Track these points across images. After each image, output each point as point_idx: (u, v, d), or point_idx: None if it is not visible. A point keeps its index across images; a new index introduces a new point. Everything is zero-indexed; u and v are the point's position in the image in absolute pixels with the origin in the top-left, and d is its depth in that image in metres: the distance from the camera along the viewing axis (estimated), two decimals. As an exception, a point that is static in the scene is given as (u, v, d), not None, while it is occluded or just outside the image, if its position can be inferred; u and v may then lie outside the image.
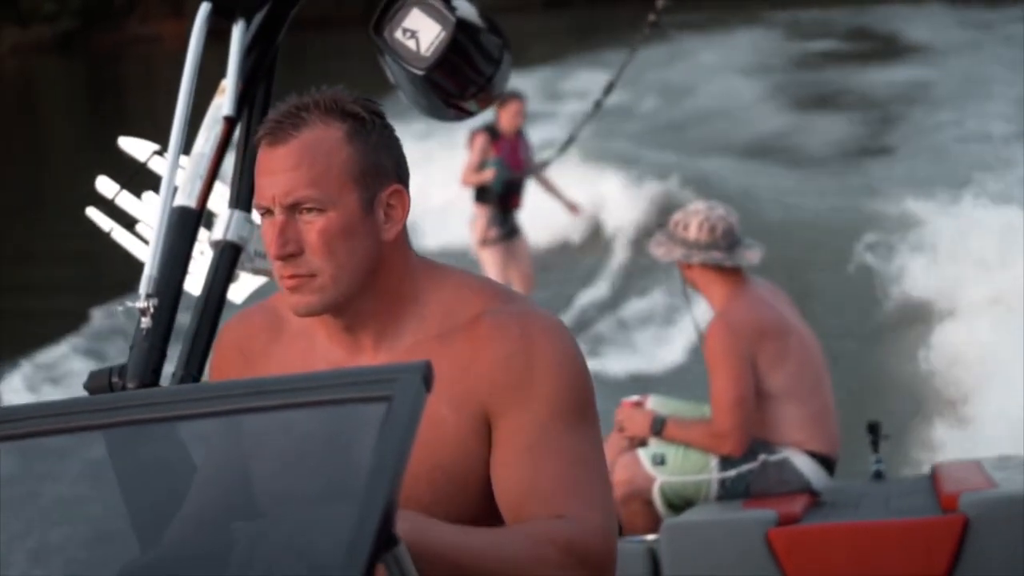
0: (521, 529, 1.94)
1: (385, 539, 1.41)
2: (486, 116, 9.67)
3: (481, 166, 9.52)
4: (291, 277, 2.03)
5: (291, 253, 2.02)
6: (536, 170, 9.87)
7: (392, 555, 1.44)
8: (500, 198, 9.54)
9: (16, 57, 39.73)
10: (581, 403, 2.03)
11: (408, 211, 2.10)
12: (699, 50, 27.36)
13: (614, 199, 13.02)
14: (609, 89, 7.30)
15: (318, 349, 2.12)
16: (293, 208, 2.03)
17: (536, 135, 10.38)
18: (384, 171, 2.07)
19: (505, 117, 9.51)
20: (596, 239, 12.66)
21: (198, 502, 1.77)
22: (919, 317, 8.93)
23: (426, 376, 1.52)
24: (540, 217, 10.34)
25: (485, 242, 9.59)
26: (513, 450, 1.99)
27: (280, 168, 2.03)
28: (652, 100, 21.51)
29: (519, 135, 9.63)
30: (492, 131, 9.52)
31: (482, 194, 9.59)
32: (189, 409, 1.64)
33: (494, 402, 2.01)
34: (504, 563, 1.86)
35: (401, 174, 2.11)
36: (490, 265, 9.64)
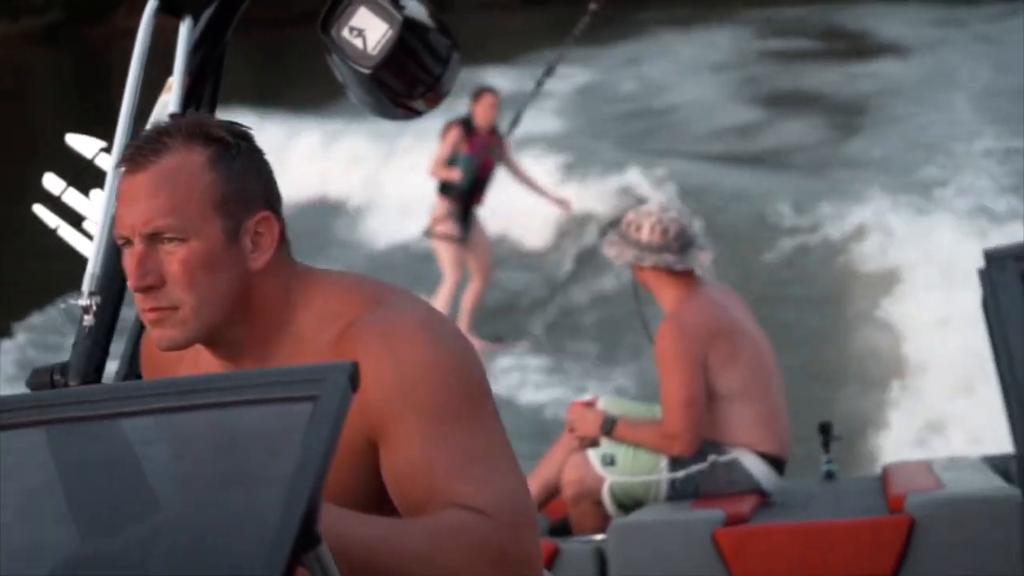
0: (435, 518, 1.89)
1: (307, 538, 1.41)
2: (462, 109, 9.72)
3: (451, 159, 9.47)
4: (152, 310, 1.96)
5: (151, 285, 1.94)
6: (504, 157, 9.82)
7: (314, 554, 1.44)
8: (465, 195, 9.52)
9: (4, 48, 39.67)
10: (464, 399, 1.95)
11: (278, 238, 2.02)
12: (673, 45, 27.52)
13: (576, 194, 13.03)
14: (549, 71, 7.28)
15: (212, 362, 2.07)
16: (153, 238, 1.95)
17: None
18: (250, 198, 1.99)
19: (480, 111, 9.48)
20: (555, 234, 12.67)
21: (123, 499, 1.76)
22: (878, 319, 8.98)
23: (352, 376, 1.52)
24: (497, 211, 10.30)
25: (442, 236, 9.56)
26: (405, 462, 1.93)
27: (139, 196, 1.95)
28: (621, 95, 21.57)
29: (493, 131, 9.57)
30: (467, 125, 9.48)
31: (447, 188, 9.55)
32: (118, 408, 1.64)
33: (370, 421, 1.93)
34: (413, 553, 1.83)
35: (271, 200, 2.02)
36: (446, 258, 9.64)
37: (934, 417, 7.10)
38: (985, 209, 11.34)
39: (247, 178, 2.00)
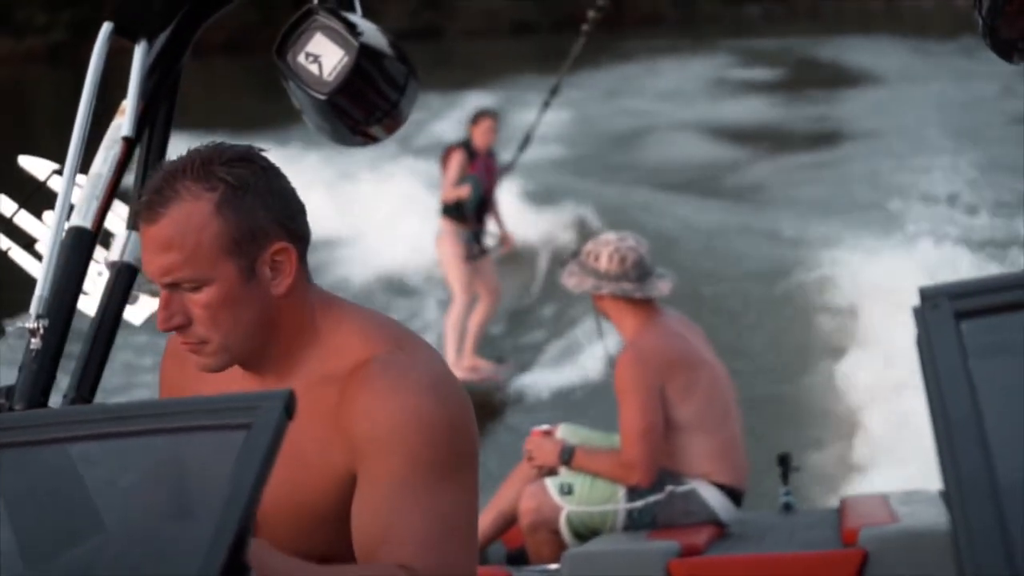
0: (364, 569, 1.95)
1: (235, 568, 1.40)
2: (460, 133, 9.73)
3: (460, 181, 9.48)
4: (185, 343, 2.06)
5: (177, 325, 2.03)
6: (501, 179, 9.82)
7: (242, 585, 1.42)
8: (475, 215, 9.52)
9: (7, 67, 39.85)
10: (446, 461, 1.99)
11: (296, 263, 2.07)
12: (650, 75, 27.73)
13: (536, 224, 13.04)
14: (554, 91, 7.33)
15: (236, 374, 2.14)
16: (173, 286, 2.03)
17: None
18: (262, 233, 2.03)
19: (478, 134, 9.51)
20: (516, 263, 12.69)
21: (56, 525, 1.75)
22: (836, 351, 9.00)
23: (288, 405, 1.51)
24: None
25: (460, 260, 9.53)
26: (371, 499, 1.98)
27: (154, 249, 2.02)
28: (591, 124, 21.67)
29: (491, 154, 9.62)
30: (468, 148, 9.52)
31: (454, 211, 9.53)
32: (58, 433, 1.63)
33: (355, 453, 1.99)
34: None
35: (285, 224, 2.06)
36: (457, 282, 9.62)
37: (894, 450, 7.11)
38: (953, 243, 11.40)
39: (257, 214, 2.03)
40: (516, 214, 12.41)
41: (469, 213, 9.49)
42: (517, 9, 45.95)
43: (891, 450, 7.18)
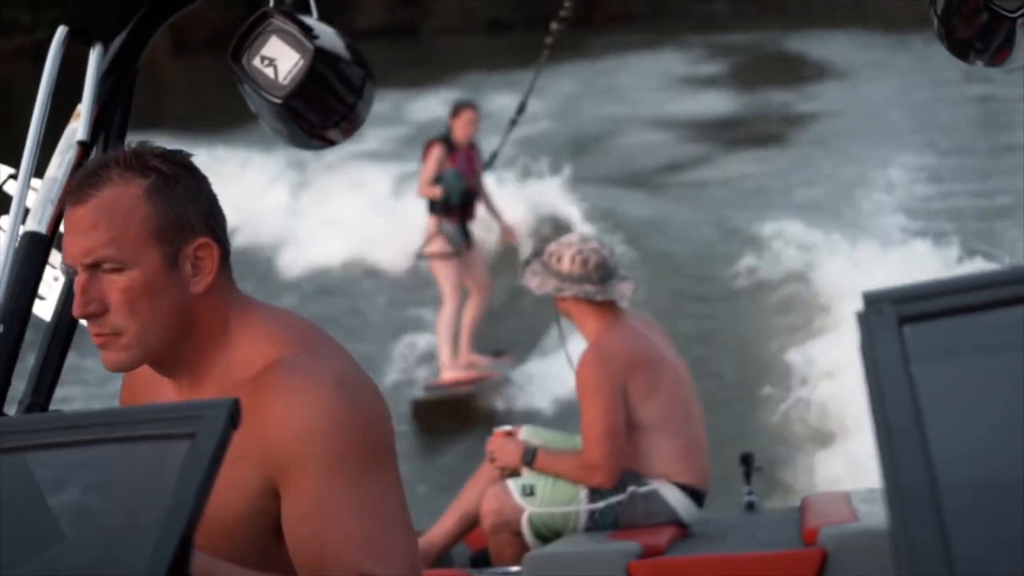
0: None
1: (178, 579, 1.39)
2: (441, 126, 9.69)
3: (436, 177, 9.42)
4: (97, 335, 2.03)
5: (93, 312, 2.01)
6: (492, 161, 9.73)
7: (185, 596, 1.42)
8: (459, 209, 9.46)
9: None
10: (362, 456, 1.97)
11: (217, 263, 2.07)
12: (620, 71, 27.88)
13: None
14: (521, 109, 7.34)
15: (164, 392, 2.14)
16: (95, 267, 2.01)
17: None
18: (189, 225, 2.04)
19: (458, 127, 9.45)
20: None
21: (7, 536, 1.74)
22: (797, 346, 9.03)
23: (232, 414, 1.50)
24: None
25: (437, 255, 9.50)
26: (299, 517, 1.96)
27: (80, 229, 2.02)
28: (558, 120, 21.71)
29: (471, 146, 9.56)
30: (447, 142, 9.45)
31: (440, 206, 9.46)
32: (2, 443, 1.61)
33: (270, 463, 1.97)
34: None
35: (210, 225, 2.07)
36: (447, 280, 9.56)
37: (857, 448, 7.14)
38: (914, 236, 11.46)
39: (185, 206, 2.04)
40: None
41: (454, 207, 9.43)
42: (492, 6, 46.40)
43: (856, 446, 7.22)
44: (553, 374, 9.20)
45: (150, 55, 3.14)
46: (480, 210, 9.81)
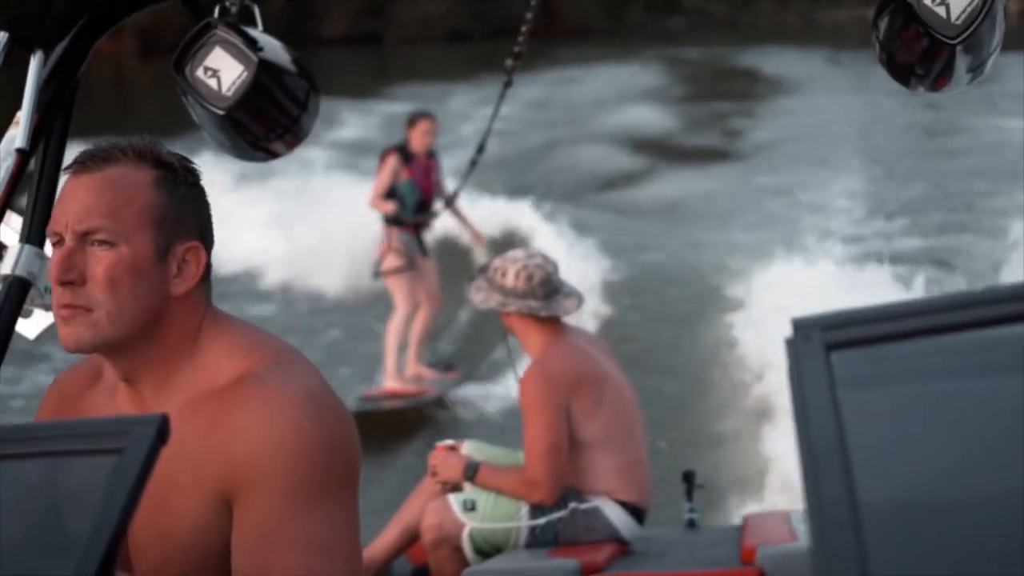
0: None
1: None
2: (399, 135, 9.64)
3: (391, 188, 9.35)
4: (67, 306, 1.99)
5: (72, 280, 1.98)
6: (447, 197, 9.62)
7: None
8: (414, 220, 9.38)
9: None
10: (325, 481, 1.92)
11: (202, 272, 2.07)
12: (576, 84, 28.06)
13: (459, 236, 13.04)
14: (480, 149, 7.36)
15: (118, 401, 2.10)
16: (84, 238, 1.99)
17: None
18: (185, 225, 2.05)
19: (415, 137, 9.37)
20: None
21: None
22: (747, 366, 9.07)
23: (161, 430, 1.48)
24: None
25: (400, 267, 9.42)
26: (247, 535, 1.91)
27: (81, 196, 2.01)
28: (523, 133, 21.78)
29: (431, 155, 9.47)
30: (403, 152, 9.37)
31: (393, 217, 9.38)
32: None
33: (230, 476, 1.93)
34: None
35: (204, 234, 2.08)
36: (399, 291, 9.49)
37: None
38: (865, 255, 11.54)
39: (186, 206, 2.06)
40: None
41: (408, 218, 9.36)
42: (453, 18, 47.08)
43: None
44: (498, 391, 9.22)
45: (117, 58, 3.12)
46: (444, 220, 9.78)
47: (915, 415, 1.39)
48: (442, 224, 10.31)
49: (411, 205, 9.36)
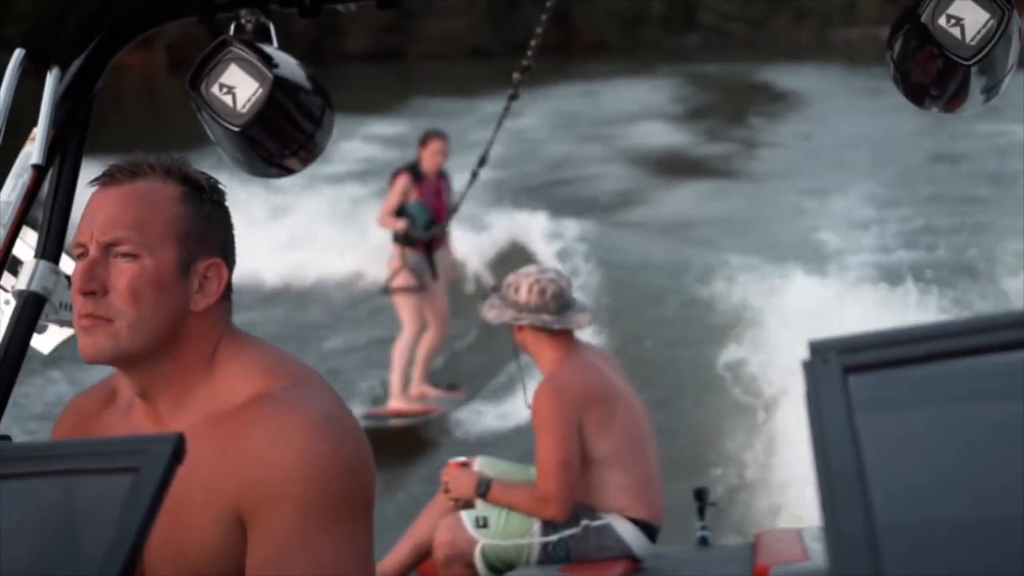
0: None
1: (116, 617, 1.38)
2: (410, 155, 9.63)
3: (400, 207, 9.32)
4: (88, 316, 2.00)
5: (94, 291, 1.99)
6: (450, 210, 9.44)
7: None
8: (425, 241, 9.34)
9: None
10: (340, 505, 1.92)
11: (223, 289, 2.07)
12: (593, 98, 28.20)
13: (464, 253, 13.05)
14: (482, 162, 7.37)
15: (133, 419, 2.10)
16: (109, 248, 2.01)
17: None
18: (209, 242, 2.06)
19: (426, 156, 9.32)
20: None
21: None
22: (758, 385, 9.05)
23: (177, 449, 1.49)
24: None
25: (401, 289, 9.39)
26: (262, 556, 1.90)
27: (108, 207, 2.03)
28: (535, 149, 21.85)
29: (441, 175, 9.42)
30: (415, 171, 9.33)
31: (403, 237, 9.34)
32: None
33: (244, 497, 1.92)
34: None
35: (226, 251, 2.09)
36: (405, 309, 9.47)
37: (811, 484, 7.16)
38: (874, 273, 11.52)
39: (211, 223, 2.08)
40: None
41: (418, 238, 9.33)
42: (474, 35, 47.77)
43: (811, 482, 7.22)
44: (506, 409, 9.21)
45: (148, 72, 3.13)
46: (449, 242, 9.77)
47: (933, 438, 1.39)
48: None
49: (421, 224, 9.32)
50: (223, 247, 2.09)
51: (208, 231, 2.06)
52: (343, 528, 1.92)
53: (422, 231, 9.32)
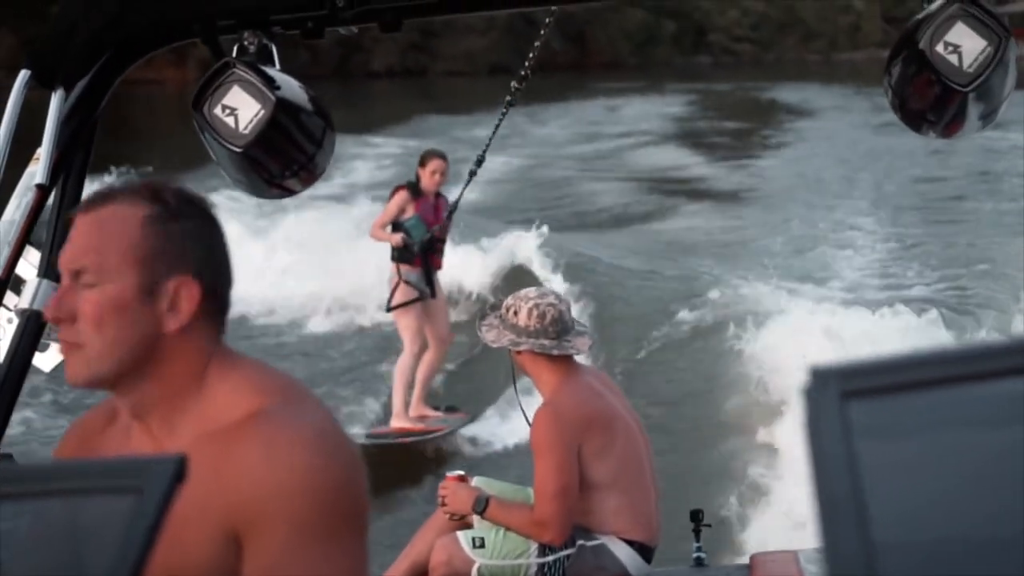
0: None
1: (119, 637, 1.38)
2: (410, 172, 9.64)
3: (395, 222, 9.30)
4: (63, 342, 2.05)
5: (61, 319, 2.02)
6: (448, 210, 9.36)
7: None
8: (422, 257, 9.29)
9: (36, 91, 40.95)
10: (333, 520, 1.92)
11: (195, 308, 2.05)
12: (609, 113, 28.48)
13: (466, 270, 13.04)
14: (479, 162, 7.39)
15: (132, 439, 2.11)
16: (76, 276, 2.03)
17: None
18: (177, 262, 2.04)
19: (425, 176, 9.30)
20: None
21: None
22: (759, 404, 9.05)
23: (179, 470, 1.50)
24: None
25: (403, 304, 9.35)
26: (257, 573, 1.91)
27: (75, 236, 2.05)
28: (537, 167, 21.92)
29: (439, 195, 9.39)
30: (414, 188, 9.31)
31: (401, 253, 9.31)
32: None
33: (238, 515, 1.92)
34: None
35: (202, 269, 2.06)
36: (407, 329, 9.44)
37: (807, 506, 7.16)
38: (878, 295, 11.54)
39: (182, 243, 2.05)
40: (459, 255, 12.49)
41: (416, 254, 9.29)
42: (494, 53, 49.14)
43: (806, 503, 7.22)
44: (504, 430, 9.21)
45: (183, 86, 3.14)
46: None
47: (933, 464, 1.39)
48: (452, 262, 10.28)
49: (417, 239, 9.29)
50: (199, 264, 2.06)
51: (175, 251, 2.04)
52: (337, 543, 1.93)
53: (418, 247, 9.27)
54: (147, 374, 2.03)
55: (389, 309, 9.50)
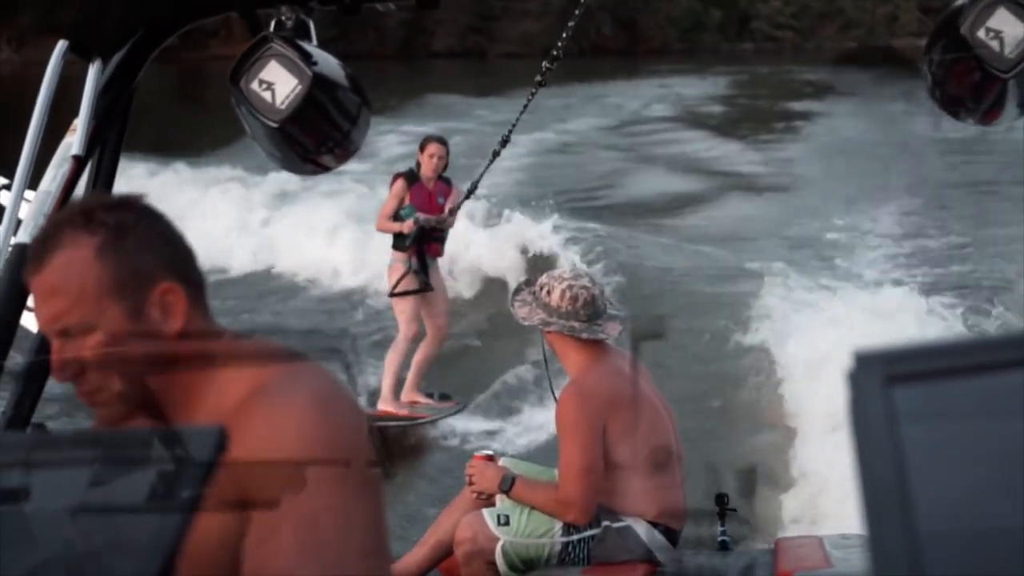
0: None
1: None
2: (410, 160, 9.62)
3: (397, 211, 9.26)
4: (82, 395, 2.03)
5: (70, 379, 2.01)
6: (448, 217, 9.36)
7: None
8: (415, 246, 9.24)
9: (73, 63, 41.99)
10: (333, 471, 1.92)
11: (188, 302, 2.04)
12: (661, 93, 28.85)
13: (489, 251, 13.02)
14: (504, 142, 7.38)
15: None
16: (63, 334, 2.00)
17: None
18: (148, 274, 2.02)
19: (424, 161, 9.24)
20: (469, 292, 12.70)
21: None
22: (784, 392, 9.03)
23: (220, 440, 1.51)
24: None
25: (398, 291, 9.33)
26: (258, 534, 1.90)
27: (41, 298, 2.02)
28: (544, 152, 21.89)
29: (440, 180, 9.30)
30: (411, 175, 9.26)
31: (398, 241, 9.28)
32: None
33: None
34: None
35: (173, 266, 2.05)
36: (402, 315, 9.40)
37: (834, 490, 7.16)
38: (913, 281, 11.49)
39: (141, 256, 2.02)
40: (483, 240, 12.47)
41: (409, 243, 9.23)
42: (550, 35, 51.34)
43: (832, 490, 7.22)
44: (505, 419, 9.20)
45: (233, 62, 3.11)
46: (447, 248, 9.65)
47: (977, 450, 1.39)
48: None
49: (412, 232, 9.18)
50: (167, 264, 2.04)
51: (139, 265, 2.01)
52: (340, 494, 1.92)
53: (412, 237, 9.18)
54: (168, 381, 2.04)
55: (391, 295, 9.48)
